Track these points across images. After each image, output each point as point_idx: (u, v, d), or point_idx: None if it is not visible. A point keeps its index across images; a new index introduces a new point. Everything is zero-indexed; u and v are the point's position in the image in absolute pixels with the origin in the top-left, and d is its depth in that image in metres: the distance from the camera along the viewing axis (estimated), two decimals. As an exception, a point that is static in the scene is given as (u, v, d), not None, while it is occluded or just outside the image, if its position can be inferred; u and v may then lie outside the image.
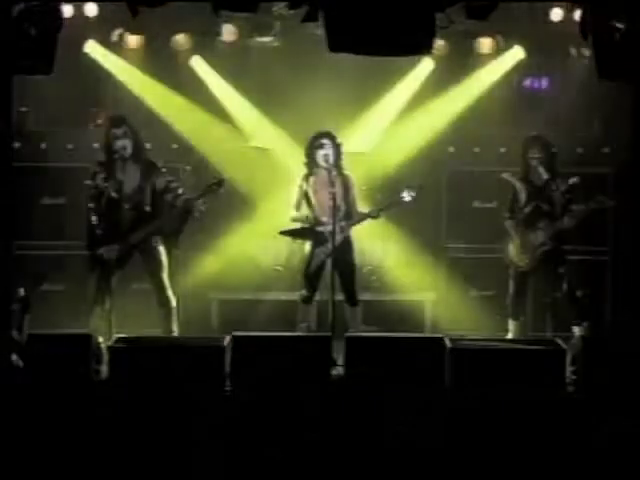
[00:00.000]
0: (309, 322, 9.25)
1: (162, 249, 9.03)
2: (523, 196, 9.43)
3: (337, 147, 9.11)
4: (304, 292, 9.18)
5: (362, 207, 9.31)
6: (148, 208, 9.00)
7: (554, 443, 7.01)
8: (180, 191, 8.99)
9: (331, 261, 8.96)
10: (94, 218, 8.94)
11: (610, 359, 7.71)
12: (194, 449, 6.97)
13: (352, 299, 9.19)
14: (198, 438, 7.06)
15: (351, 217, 9.15)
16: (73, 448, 6.89)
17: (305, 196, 9.21)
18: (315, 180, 9.19)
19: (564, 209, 9.31)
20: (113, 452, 6.94)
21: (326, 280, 9.03)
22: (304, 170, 9.24)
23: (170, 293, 9.10)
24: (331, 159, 9.05)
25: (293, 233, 9.29)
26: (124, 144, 8.93)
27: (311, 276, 9.16)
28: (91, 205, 8.99)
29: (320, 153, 9.06)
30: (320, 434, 6.45)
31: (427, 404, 6.92)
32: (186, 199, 8.91)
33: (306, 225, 9.16)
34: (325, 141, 9.07)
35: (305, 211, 9.23)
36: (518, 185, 9.45)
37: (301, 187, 9.21)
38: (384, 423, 5.52)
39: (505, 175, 9.55)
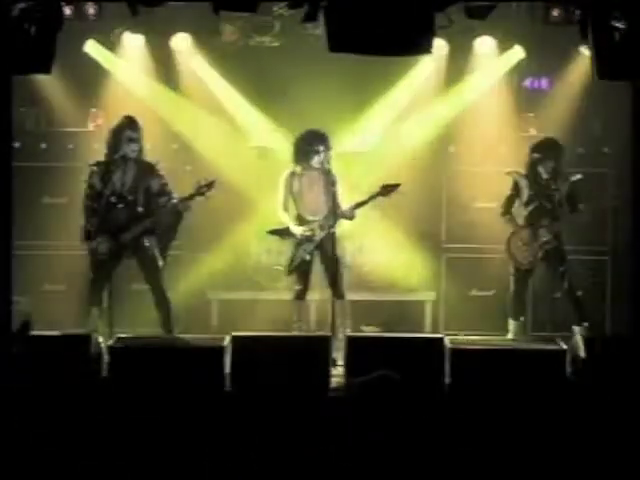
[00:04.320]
0: (303, 322, 9.27)
1: (156, 250, 9.05)
2: (526, 193, 9.46)
3: (330, 149, 9.15)
4: (296, 287, 9.23)
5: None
6: (141, 209, 9.02)
7: (554, 442, 7.01)
8: (174, 194, 9.01)
9: (327, 260, 9.05)
10: (89, 216, 8.99)
11: (610, 359, 7.72)
12: (194, 449, 6.98)
13: (338, 292, 9.15)
14: (198, 438, 7.06)
15: (334, 214, 9.17)
16: (73, 448, 6.89)
17: (291, 195, 9.25)
18: (302, 179, 9.22)
19: (572, 207, 9.38)
20: (113, 452, 6.93)
21: (317, 278, 9.11)
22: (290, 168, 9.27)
23: (167, 293, 9.11)
24: (324, 161, 9.11)
25: (280, 232, 9.32)
26: (134, 147, 8.95)
27: (295, 272, 9.20)
28: (88, 203, 9.02)
29: (315, 159, 9.12)
30: (319, 436, 6.45)
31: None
32: (175, 202, 8.93)
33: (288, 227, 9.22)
34: (321, 147, 9.10)
35: (292, 211, 9.26)
36: (523, 182, 9.48)
37: (287, 187, 9.24)
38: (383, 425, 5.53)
39: (511, 171, 9.57)
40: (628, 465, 6.68)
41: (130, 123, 9.02)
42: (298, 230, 9.17)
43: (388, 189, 9.03)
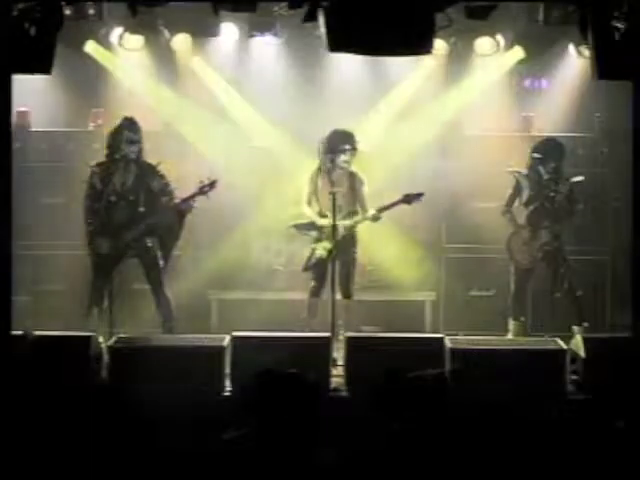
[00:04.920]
0: (309, 324, 9.28)
1: (158, 250, 9.06)
2: (526, 193, 9.48)
3: (355, 149, 9.21)
4: (312, 284, 9.25)
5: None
6: (142, 209, 9.03)
7: (554, 443, 7.01)
8: (175, 194, 9.02)
9: (332, 260, 9.06)
10: (90, 217, 9.01)
11: (610, 359, 7.73)
12: (193, 449, 6.97)
13: (347, 292, 9.27)
14: (198, 438, 7.06)
15: (358, 215, 9.25)
16: (73, 449, 6.89)
17: (315, 192, 9.30)
18: (327, 178, 9.28)
19: (571, 208, 9.41)
20: (113, 452, 6.93)
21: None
22: (313, 166, 9.33)
23: (168, 293, 9.11)
24: (349, 161, 9.18)
25: (302, 227, 9.39)
26: (134, 148, 8.97)
27: (312, 269, 9.24)
28: (88, 204, 9.04)
29: (341, 158, 9.19)
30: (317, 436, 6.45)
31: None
32: (177, 202, 8.95)
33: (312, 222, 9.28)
34: (347, 147, 9.16)
35: (315, 207, 9.29)
36: (524, 182, 9.49)
37: (312, 184, 9.30)
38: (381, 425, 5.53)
39: (511, 170, 9.60)
40: (628, 466, 6.68)
41: (130, 124, 9.04)
42: (324, 222, 9.18)
43: (411, 197, 9.11)
